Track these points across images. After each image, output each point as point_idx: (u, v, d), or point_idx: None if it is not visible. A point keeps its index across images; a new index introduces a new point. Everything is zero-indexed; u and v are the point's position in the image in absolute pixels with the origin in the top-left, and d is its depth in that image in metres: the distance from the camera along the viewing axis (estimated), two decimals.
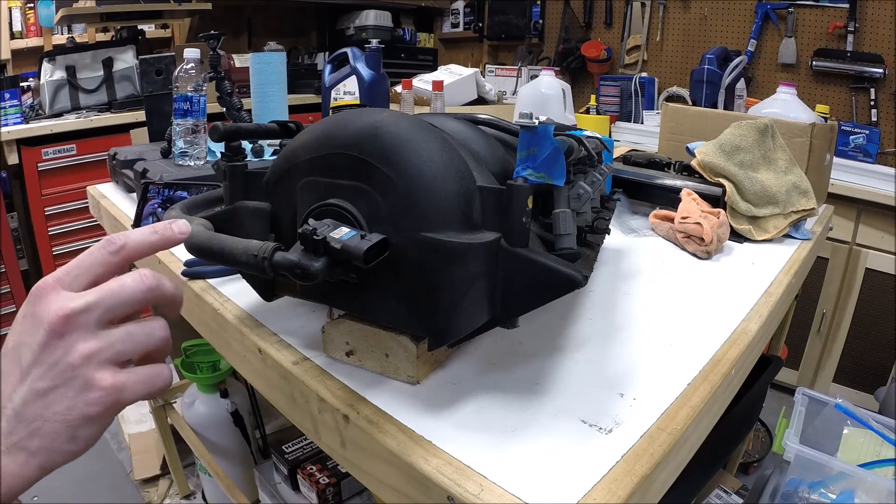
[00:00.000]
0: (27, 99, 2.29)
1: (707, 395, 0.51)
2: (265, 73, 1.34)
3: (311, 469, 1.19)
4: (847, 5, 2.22)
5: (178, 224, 0.41)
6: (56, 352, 0.34)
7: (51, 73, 2.21)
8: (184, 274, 0.74)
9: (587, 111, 2.77)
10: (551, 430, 0.46)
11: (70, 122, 2.16)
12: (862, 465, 1.11)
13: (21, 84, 2.25)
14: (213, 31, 1.25)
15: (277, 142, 1.17)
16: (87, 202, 1.29)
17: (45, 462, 0.34)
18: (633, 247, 0.93)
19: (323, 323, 0.55)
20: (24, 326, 0.35)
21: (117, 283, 0.36)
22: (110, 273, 0.37)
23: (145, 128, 1.42)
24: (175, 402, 1.59)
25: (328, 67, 1.58)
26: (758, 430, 1.86)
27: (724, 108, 2.33)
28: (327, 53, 3.04)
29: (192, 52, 1.10)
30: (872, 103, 2.22)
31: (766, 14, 2.43)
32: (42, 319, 0.34)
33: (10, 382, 0.34)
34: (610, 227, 0.77)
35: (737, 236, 0.96)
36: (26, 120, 2.14)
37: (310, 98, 2.74)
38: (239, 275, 0.68)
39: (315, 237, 0.40)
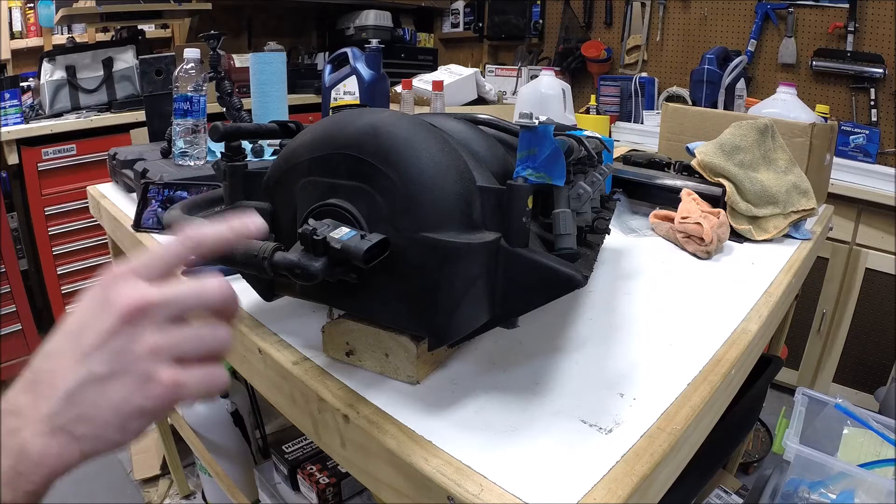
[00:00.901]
0: (27, 99, 2.29)
1: (707, 395, 0.51)
2: (265, 73, 1.34)
3: (311, 469, 1.19)
4: (847, 5, 2.22)
5: (255, 222, 0.39)
6: (122, 339, 0.33)
7: (51, 73, 2.21)
8: (184, 274, 0.74)
9: (587, 111, 2.77)
10: (551, 430, 0.46)
11: (70, 122, 2.16)
12: (862, 465, 1.11)
13: (21, 84, 2.25)
14: (213, 31, 1.25)
15: (277, 142, 1.17)
16: (87, 202, 1.29)
17: (87, 449, 0.33)
18: (633, 247, 0.92)
19: (323, 323, 0.55)
20: (91, 309, 0.34)
21: (199, 284, 0.36)
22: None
23: (145, 128, 1.42)
24: None
25: (328, 67, 1.58)
26: (758, 430, 1.86)
27: (724, 108, 2.33)
28: (327, 53, 3.04)
29: (192, 52, 1.10)
30: (872, 103, 2.22)
31: (766, 14, 2.43)
32: (114, 305, 0.33)
33: (65, 362, 0.33)
34: (610, 227, 0.77)
35: (737, 236, 0.96)
36: (26, 120, 2.14)
37: (310, 98, 2.73)
38: (239, 275, 0.68)
39: (315, 237, 0.40)
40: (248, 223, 0.39)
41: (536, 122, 0.46)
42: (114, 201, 1.15)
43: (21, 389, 0.33)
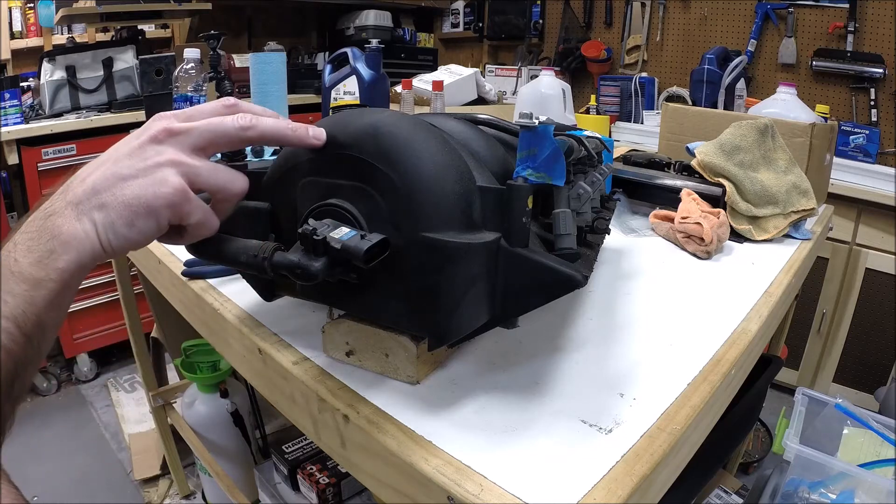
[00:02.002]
0: (27, 99, 2.29)
1: (707, 395, 0.51)
2: (265, 73, 1.34)
3: (311, 469, 1.19)
4: (847, 5, 2.22)
5: (316, 131, 0.45)
6: (149, 151, 0.39)
7: (51, 73, 2.21)
8: (184, 274, 0.74)
9: (587, 111, 2.77)
10: (551, 430, 0.46)
11: (70, 122, 2.16)
12: (862, 465, 1.11)
13: (21, 84, 2.24)
14: (213, 31, 1.25)
15: None
16: None
17: (104, 239, 0.38)
18: (633, 247, 0.92)
19: (323, 323, 0.55)
20: (133, 134, 0.41)
21: (218, 119, 0.42)
22: (230, 145, 0.43)
23: None
24: (175, 402, 1.59)
25: (328, 67, 1.58)
26: (758, 430, 1.86)
27: (724, 108, 2.33)
28: (327, 53, 3.04)
29: (192, 52, 1.10)
30: (872, 103, 2.22)
31: (766, 14, 2.43)
32: (149, 128, 0.41)
33: (99, 166, 0.39)
34: (610, 227, 0.77)
35: (737, 236, 0.96)
36: (26, 120, 2.14)
37: (310, 98, 2.73)
38: (239, 275, 0.68)
39: (315, 237, 0.40)
40: (309, 130, 0.44)
41: (536, 122, 0.46)
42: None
43: (60, 191, 0.39)
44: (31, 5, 2.55)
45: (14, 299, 0.35)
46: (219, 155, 0.47)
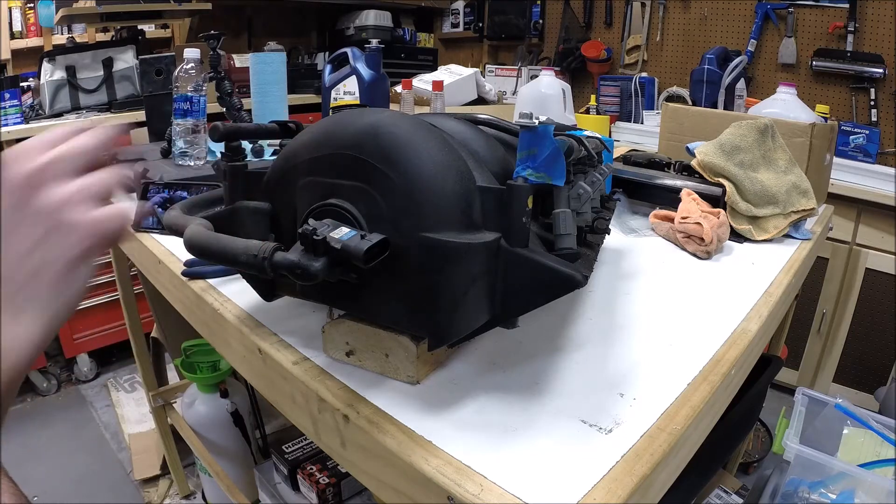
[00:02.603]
0: (27, 99, 2.29)
1: (707, 395, 0.51)
2: (265, 73, 1.34)
3: (311, 469, 1.19)
4: (847, 5, 2.22)
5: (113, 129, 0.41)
6: (33, 203, 0.35)
7: (51, 73, 2.21)
8: (184, 274, 0.74)
9: (587, 111, 2.77)
10: (551, 430, 0.46)
11: (70, 123, 2.16)
12: (862, 465, 1.11)
13: (21, 84, 2.24)
14: (213, 31, 1.25)
15: (277, 142, 1.17)
16: None
17: (51, 317, 0.35)
18: (633, 247, 0.92)
19: (323, 323, 0.55)
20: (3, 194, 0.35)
21: (74, 139, 0.39)
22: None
23: (145, 128, 1.42)
24: (175, 402, 1.59)
25: (328, 67, 1.58)
26: (758, 430, 1.86)
27: (724, 108, 2.33)
28: (327, 53, 3.04)
29: (192, 52, 1.10)
30: (872, 103, 2.22)
31: (766, 14, 2.43)
32: (12, 180, 0.35)
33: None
34: (610, 227, 0.77)
35: (737, 236, 0.96)
36: (26, 120, 2.14)
37: (310, 98, 2.73)
38: (239, 275, 0.68)
39: (315, 237, 0.40)
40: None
41: (536, 122, 0.46)
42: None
43: None
44: (31, 5, 2.55)
45: None
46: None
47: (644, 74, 2.80)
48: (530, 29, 3.17)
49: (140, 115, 2.12)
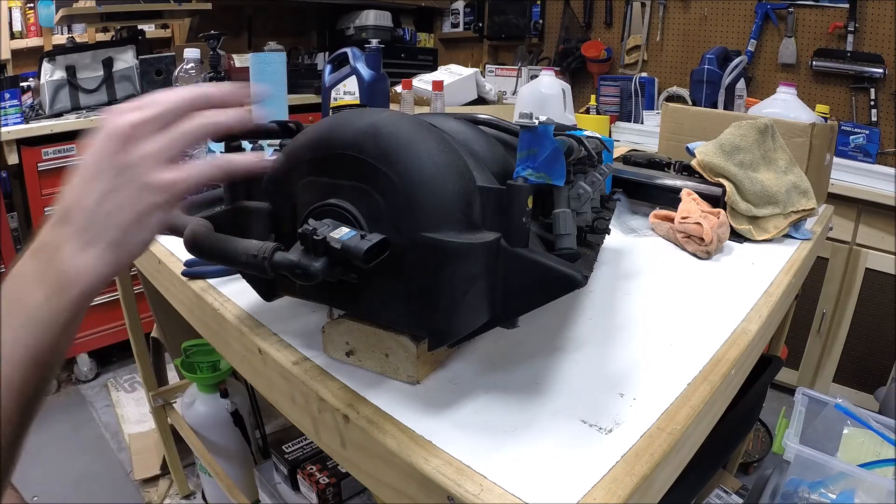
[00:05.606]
0: (27, 99, 2.28)
1: (707, 395, 0.51)
2: (265, 73, 1.34)
3: (311, 469, 1.19)
4: (847, 5, 2.22)
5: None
6: (118, 157, 0.39)
7: (51, 73, 2.21)
8: (184, 274, 0.74)
9: (587, 111, 2.77)
10: (551, 430, 0.46)
11: (70, 122, 2.16)
12: (862, 465, 1.10)
13: (21, 84, 2.24)
14: (213, 31, 1.25)
15: (277, 142, 1.17)
16: None
17: (116, 257, 0.39)
18: (633, 247, 0.92)
19: (323, 323, 0.55)
20: (92, 147, 0.40)
21: (164, 96, 0.41)
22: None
23: None
24: (175, 402, 1.59)
25: (328, 67, 1.58)
26: (758, 430, 1.86)
27: (724, 108, 2.33)
28: (327, 53, 3.04)
29: (192, 52, 1.10)
30: (872, 103, 2.22)
31: (766, 14, 2.43)
32: (109, 132, 0.39)
33: (80, 190, 0.39)
34: (610, 227, 0.77)
35: (737, 236, 0.96)
36: (26, 120, 2.13)
37: (310, 98, 2.73)
38: (239, 275, 0.68)
39: (315, 237, 0.40)
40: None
41: (536, 122, 0.46)
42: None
43: (50, 226, 0.40)
44: (31, 5, 2.55)
45: (29, 333, 0.38)
46: (218, 154, 0.47)
47: (644, 74, 2.80)
48: (530, 29, 3.17)
49: None
